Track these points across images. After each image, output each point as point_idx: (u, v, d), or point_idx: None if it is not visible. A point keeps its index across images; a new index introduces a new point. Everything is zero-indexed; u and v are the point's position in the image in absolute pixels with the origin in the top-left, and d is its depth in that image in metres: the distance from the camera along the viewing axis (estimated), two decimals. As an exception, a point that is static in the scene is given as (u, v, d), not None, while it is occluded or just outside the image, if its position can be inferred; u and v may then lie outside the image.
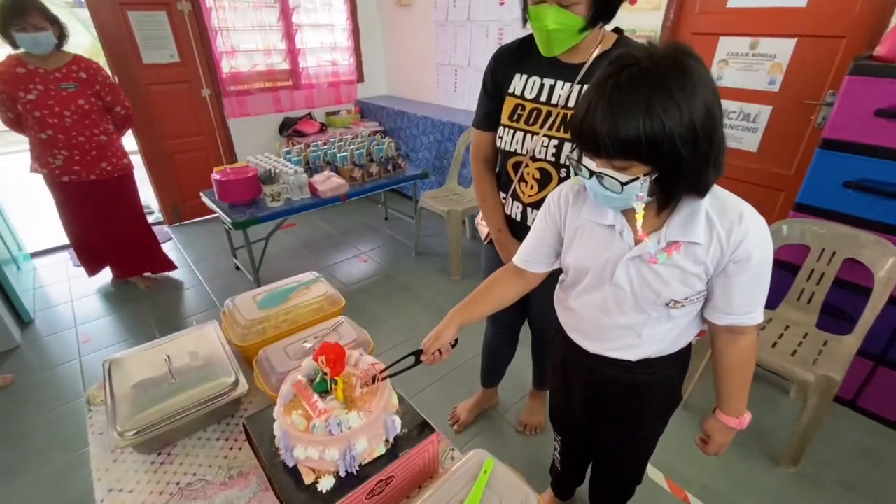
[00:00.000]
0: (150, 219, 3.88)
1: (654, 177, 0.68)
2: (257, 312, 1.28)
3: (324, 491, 0.77)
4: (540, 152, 1.19)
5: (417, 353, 1.01)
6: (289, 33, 3.88)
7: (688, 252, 0.77)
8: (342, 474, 0.79)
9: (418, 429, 0.89)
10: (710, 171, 0.69)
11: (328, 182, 2.63)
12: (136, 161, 2.71)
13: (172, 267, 2.98)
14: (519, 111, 1.23)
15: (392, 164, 3.02)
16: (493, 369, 1.77)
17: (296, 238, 3.55)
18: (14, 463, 1.71)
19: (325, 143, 3.05)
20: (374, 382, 0.89)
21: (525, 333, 1.63)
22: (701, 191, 0.72)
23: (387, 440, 0.85)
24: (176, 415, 0.99)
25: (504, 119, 1.26)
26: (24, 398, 2.02)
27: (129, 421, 0.96)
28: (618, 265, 0.83)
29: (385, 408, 0.84)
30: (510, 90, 1.24)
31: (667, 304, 0.83)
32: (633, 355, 0.93)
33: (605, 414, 1.10)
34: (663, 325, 0.88)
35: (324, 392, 0.86)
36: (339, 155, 2.82)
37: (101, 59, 2.71)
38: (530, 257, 0.99)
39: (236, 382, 1.07)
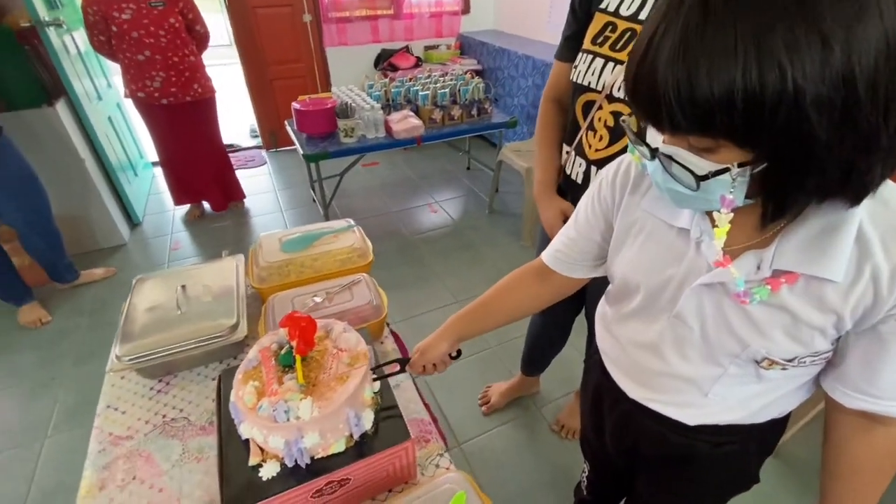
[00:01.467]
0: (253, 142, 4.14)
1: (758, 169, 0.40)
2: (279, 255, 1.20)
3: (264, 478, 0.67)
4: (621, 90, 0.89)
5: (403, 362, 0.86)
6: (394, -44, 3.62)
7: (810, 291, 0.48)
8: (289, 465, 0.68)
9: (393, 431, 0.74)
10: (876, 161, 0.38)
11: (404, 122, 2.47)
12: (239, 85, 2.77)
13: (242, 196, 3.09)
14: (608, 32, 0.92)
15: (477, 109, 2.75)
16: (535, 357, 1.56)
17: (375, 177, 3.51)
18: (96, 349, 1.97)
19: (410, 80, 2.86)
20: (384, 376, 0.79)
21: (581, 323, 1.38)
22: (854, 195, 0.41)
23: (350, 436, 0.72)
24: (172, 347, 0.97)
25: (586, 42, 0.96)
26: (120, 291, 2.30)
27: (129, 346, 0.96)
28: (684, 290, 0.56)
29: (351, 401, 0.70)
30: (602, 4, 0.93)
31: (756, 361, 0.55)
32: (690, 417, 0.66)
33: (643, 471, 0.85)
34: (746, 386, 0.60)
35: (289, 366, 0.75)
36: (420, 93, 2.62)
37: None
38: (564, 255, 0.74)
39: (236, 326, 1.02)
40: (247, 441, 0.72)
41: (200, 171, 2.77)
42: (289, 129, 2.66)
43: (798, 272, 0.47)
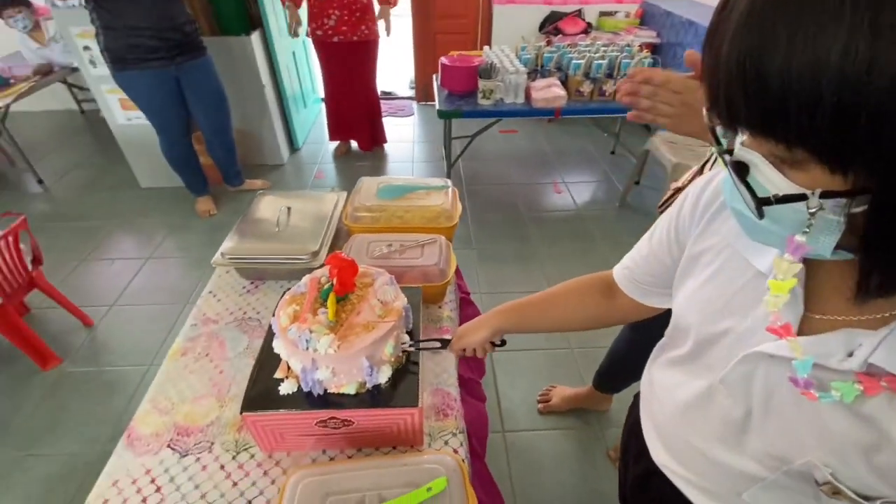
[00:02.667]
0: (409, 93, 4.36)
1: (859, 207, 0.28)
2: (373, 199, 1.26)
3: (281, 392, 0.73)
4: None
5: (445, 343, 0.83)
6: None
7: None
8: (304, 389, 0.73)
9: (405, 393, 0.74)
10: None
11: (546, 91, 2.32)
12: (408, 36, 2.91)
13: (384, 141, 3.29)
14: None
15: (635, 88, 2.42)
16: (612, 375, 1.39)
17: (509, 145, 3.42)
18: (214, 244, 2.35)
19: (569, 46, 2.64)
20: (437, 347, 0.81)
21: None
22: None
23: (363, 383, 0.73)
24: (261, 257, 1.10)
25: None
26: (268, 202, 2.71)
27: (232, 246, 1.11)
28: (739, 352, 0.42)
29: (369, 350, 0.71)
30: None
31: (817, 482, 0.39)
32: None
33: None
34: None
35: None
36: (574, 61, 2.40)
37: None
38: (631, 272, 0.62)
39: (317, 253, 1.11)
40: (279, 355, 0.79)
41: (353, 109, 3.01)
42: (434, 83, 2.71)
43: None
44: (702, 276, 0.48)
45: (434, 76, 2.75)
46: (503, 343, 0.84)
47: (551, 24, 3.61)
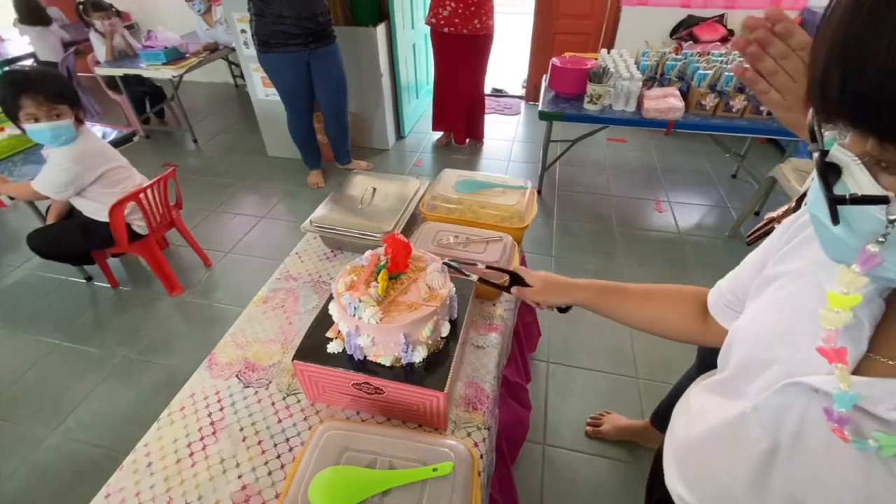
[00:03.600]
0: (519, 92, 4.33)
1: None
2: (450, 191, 1.30)
3: (328, 350, 0.81)
4: None
5: (516, 282, 0.85)
6: None
7: None
8: (348, 352, 0.80)
9: (434, 377, 0.77)
10: None
11: (660, 101, 2.15)
12: (524, 34, 2.91)
13: (481, 137, 3.32)
14: None
15: (771, 106, 2.14)
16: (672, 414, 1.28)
17: (614, 155, 3.24)
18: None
19: (699, 54, 2.41)
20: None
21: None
22: None
23: (398, 358, 0.78)
24: (341, 229, 1.21)
25: None
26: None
27: (319, 216, 1.24)
28: (781, 381, 0.39)
29: (407, 329, 0.75)
30: None
31: None
32: None
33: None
34: None
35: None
36: (700, 71, 2.19)
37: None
38: (722, 293, 0.58)
39: (388, 233, 1.19)
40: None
41: (456, 102, 3.10)
42: (543, 83, 2.67)
43: None
44: (770, 300, 0.45)
45: (544, 76, 2.70)
46: (568, 309, 0.83)
47: (685, 30, 3.32)
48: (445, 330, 0.83)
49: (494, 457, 0.98)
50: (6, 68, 3.00)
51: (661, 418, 1.33)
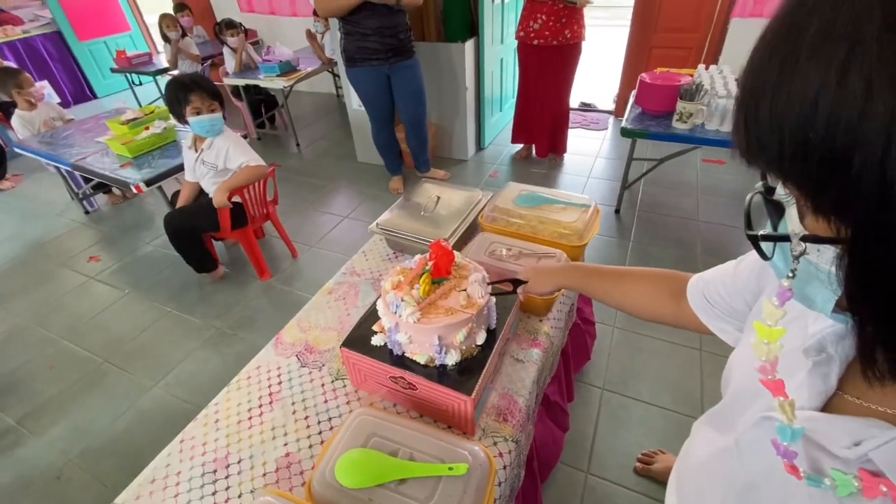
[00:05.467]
0: (609, 107, 4.19)
1: (842, 256, 0.27)
2: (510, 204, 1.33)
3: (372, 342, 0.88)
4: None
5: (517, 284, 0.92)
6: None
7: None
8: (389, 346, 0.87)
9: (464, 381, 0.80)
10: None
11: (761, 121, 1.96)
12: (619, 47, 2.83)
13: (563, 151, 3.26)
14: None
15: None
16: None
17: (708, 177, 3.00)
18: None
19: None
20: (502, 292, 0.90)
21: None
22: None
23: (432, 358, 0.83)
24: (402, 233, 1.29)
25: None
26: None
27: (385, 220, 1.34)
28: (756, 414, 0.40)
29: (441, 332, 0.80)
30: None
31: None
32: None
33: None
34: None
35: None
36: (813, 91, 1.96)
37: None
38: (706, 288, 0.61)
39: (446, 241, 1.24)
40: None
41: (540, 114, 3.09)
42: (630, 99, 2.57)
43: None
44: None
45: (632, 92, 2.60)
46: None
47: (806, 43, 2.98)
48: (481, 338, 0.85)
49: (523, 473, 0.98)
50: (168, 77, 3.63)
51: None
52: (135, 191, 2.12)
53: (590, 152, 3.43)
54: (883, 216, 0.23)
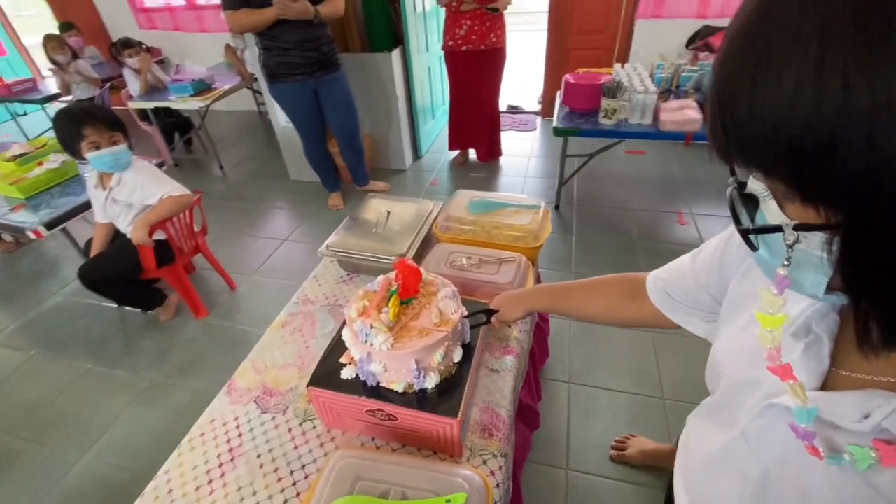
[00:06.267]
0: (535, 108, 4.36)
1: (836, 240, 0.28)
2: (463, 212, 1.31)
3: (340, 376, 0.81)
4: None
5: (489, 313, 0.90)
6: None
7: None
8: (361, 378, 0.81)
9: (447, 403, 0.77)
10: None
11: (677, 113, 2.13)
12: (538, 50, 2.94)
13: (499, 154, 3.34)
14: None
15: (794, 114, 2.09)
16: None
17: (634, 167, 3.20)
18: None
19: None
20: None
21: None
22: None
23: (410, 384, 0.78)
24: (355, 253, 1.23)
25: None
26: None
27: (336, 240, 1.26)
28: (758, 403, 0.40)
29: (418, 355, 0.75)
30: None
31: None
32: None
33: None
34: None
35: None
36: (717, 83, 2.16)
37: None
38: (667, 286, 0.63)
39: (402, 256, 1.20)
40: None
41: (475, 119, 3.13)
42: (557, 99, 2.68)
43: None
44: (740, 322, 0.47)
45: (557, 93, 2.71)
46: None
47: (701, 40, 3.28)
48: (458, 355, 0.82)
49: (511, 485, 0.96)
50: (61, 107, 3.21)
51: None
52: (33, 236, 1.85)
53: (523, 153, 3.53)
54: (872, 201, 0.24)
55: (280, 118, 3.04)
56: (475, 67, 2.86)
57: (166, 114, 3.50)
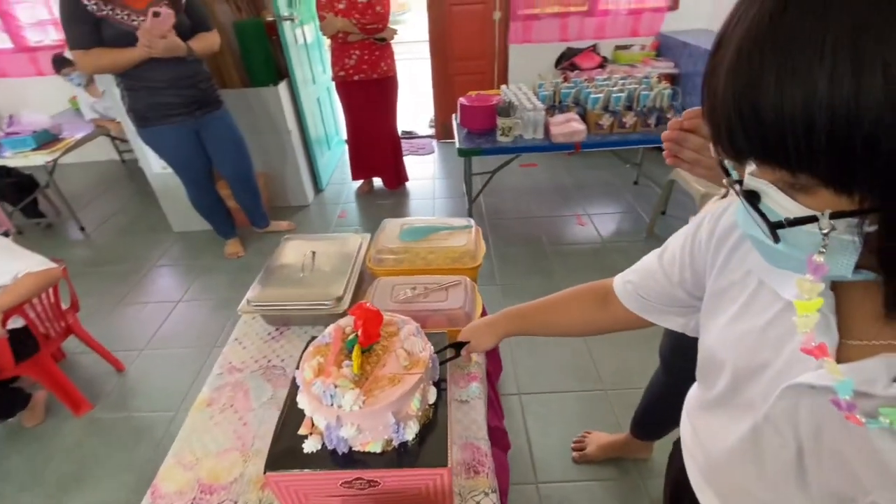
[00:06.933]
0: (429, 132, 4.47)
1: (872, 227, 0.30)
2: (396, 242, 1.26)
3: (305, 450, 0.70)
4: None
5: (458, 346, 0.86)
6: (599, -52, 3.41)
7: None
8: (329, 446, 0.70)
9: (433, 451, 0.70)
10: None
11: (564, 125, 2.33)
12: (425, 79, 3.01)
13: (406, 179, 3.36)
14: None
15: (657, 118, 2.42)
16: (648, 421, 1.31)
17: (530, 179, 3.43)
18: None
19: (586, 81, 2.67)
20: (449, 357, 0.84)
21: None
22: None
23: (389, 440, 0.70)
24: (286, 303, 1.10)
25: None
26: (294, 243, 2.77)
27: (258, 293, 1.12)
28: (780, 386, 0.41)
29: (395, 406, 0.68)
30: None
31: None
32: None
33: None
34: None
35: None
36: (591, 96, 2.42)
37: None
38: (635, 287, 0.64)
39: (341, 298, 1.10)
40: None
41: (376, 147, 3.09)
42: (454, 122, 2.77)
43: None
44: (730, 312, 0.48)
45: (453, 115, 2.81)
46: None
47: (567, 61, 3.68)
48: (432, 396, 0.76)
49: (503, 517, 0.91)
50: None
51: (641, 426, 1.35)
52: None
53: (427, 176, 3.59)
54: None
55: (153, 165, 2.69)
56: (370, 96, 2.84)
57: (3, 174, 2.89)
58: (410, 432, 0.70)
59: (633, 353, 1.77)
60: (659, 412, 1.25)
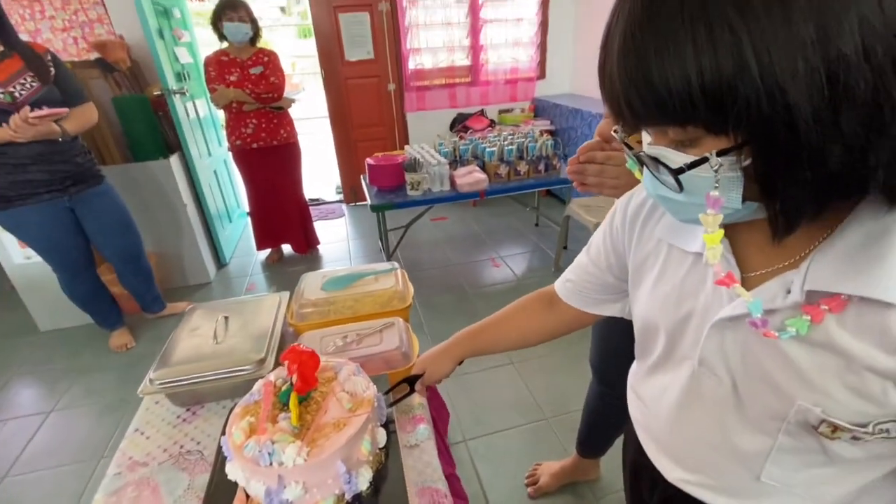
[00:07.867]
0: (337, 197, 4.47)
1: (747, 161, 0.35)
2: (319, 293, 1.20)
3: (241, 532, 0.60)
4: None
5: (412, 381, 0.84)
6: (475, 29, 3.90)
7: (865, 321, 0.37)
8: (270, 519, 0.61)
9: (392, 498, 0.64)
10: None
11: (468, 176, 2.50)
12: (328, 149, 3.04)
13: (317, 243, 3.30)
14: None
15: (545, 165, 2.71)
16: (592, 436, 1.35)
17: (442, 232, 3.56)
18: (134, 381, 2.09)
19: (480, 138, 2.93)
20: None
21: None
22: (889, 192, 0.34)
23: (341, 496, 0.63)
24: (199, 376, 0.97)
25: None
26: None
27: (163, 371, 0.98)
28: (705, 328, 0.47)
29: (344, 452, 0.62)
30: None
31: (813, 426, 0.42)
32: None
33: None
34: (812, 469, 0.46)
35: (288, 404, 0.69)
36: (487, 150, 2.66)
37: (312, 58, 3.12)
38: (574, 284, 0.69)
39: (263, 361, 1.00)
40: (236, 483, 0.66)
41: (283, 214, 3.00)
42: (363, 182, 2.82)
43: (840, 292, 0.37)
44: (651, 278, 0.54)
45: (362, 176, 2.87)
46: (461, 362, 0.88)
47: (460, 124, 4.02)
48: (382, 438, 0.72)
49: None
50: None
51: (587, 443, 1.37)
52: None
53: (340, 238, 3.54)
54: (769, 120, 0.31)
55: (13, 255, 2.31)
56: (272, 163, 2.80)
57: None
58: (364, 481, 0.64)
59: (566, 378, 1.83)
60: (601, 424, 1.29)
